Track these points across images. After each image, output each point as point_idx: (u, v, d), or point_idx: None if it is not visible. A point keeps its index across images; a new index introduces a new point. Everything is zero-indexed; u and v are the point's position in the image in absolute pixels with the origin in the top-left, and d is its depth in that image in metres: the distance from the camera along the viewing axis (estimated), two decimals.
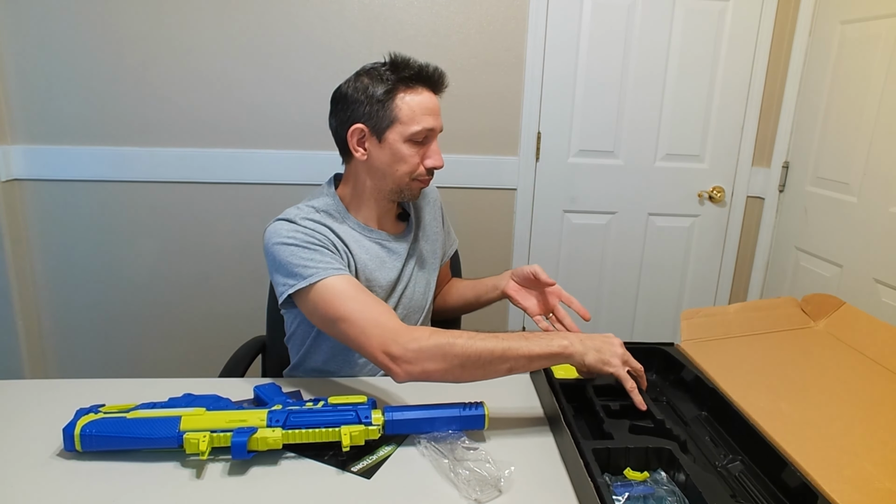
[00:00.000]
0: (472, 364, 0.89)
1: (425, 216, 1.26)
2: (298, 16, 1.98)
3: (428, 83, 1.06)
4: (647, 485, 0.77)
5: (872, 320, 1.11)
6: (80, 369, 2.20)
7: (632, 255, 2.32)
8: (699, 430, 0.93)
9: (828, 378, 1.01)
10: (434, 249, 1.26)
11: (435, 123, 1.07)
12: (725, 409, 0.92)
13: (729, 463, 0.84)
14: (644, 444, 0.81)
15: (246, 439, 0.80)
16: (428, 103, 1.06)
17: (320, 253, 1.01)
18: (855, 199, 1.83)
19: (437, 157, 1.10)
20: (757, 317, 1.19)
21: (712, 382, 0.98)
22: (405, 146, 1.06)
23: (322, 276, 0.98)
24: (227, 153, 2.06)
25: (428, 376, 0.90)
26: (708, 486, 0.73)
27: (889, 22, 1.71)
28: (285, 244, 1.01)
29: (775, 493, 0.77)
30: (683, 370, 1.05)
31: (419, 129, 1.04)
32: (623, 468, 0.80)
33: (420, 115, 1.04)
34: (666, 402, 1.02)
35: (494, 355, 0.89)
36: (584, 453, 0.77)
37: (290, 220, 1.05)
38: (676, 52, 2.12)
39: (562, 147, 2.19)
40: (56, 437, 0.84)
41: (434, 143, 1.10)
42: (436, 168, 1.11)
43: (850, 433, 0.85)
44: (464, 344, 0.89)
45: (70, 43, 1.93)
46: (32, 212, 2.05)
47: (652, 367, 1.10)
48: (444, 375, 0.90)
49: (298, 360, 1.18)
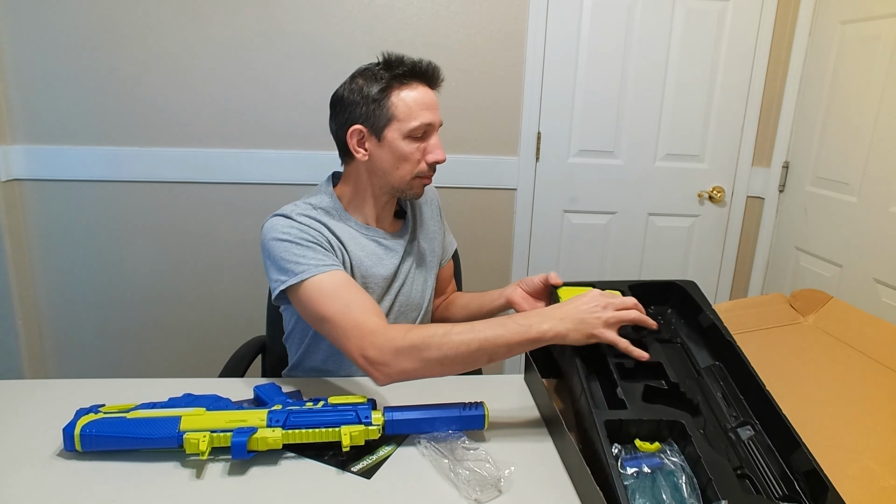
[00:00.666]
0: (449, 360, 0.87)
1: (424, 214, 1.26)
2: (299, 15, 1.98)
3: (422, 78, 1.06)
4: (656, 456, 0.76)
5: (861, 314, 1.12)
6: (80, 369, 2.19)
7: (632, 255, 2.32)
8: (712, 383, 0.91)
9: (822, 374, 1.01)
10: (433, 248, 1.26)
11: (433, 118, 1.07)
12: (741, 367, 0.89)
13: (739, 426, 0.84)
14: (657, 415, 0.80)
15: (246, 439, 0.80)
16: (424, 98, 1.05)
17: (313, 250, 1.01)
18: (855, 199, 1.83)
19: (438, 151, 1.10)
20: (747, 314, 1.19)
21: (729, 335, 0.94)
22: (405, 143, 1.06)
23: (312, 273, 0.97)
24: (227, 153, 2.06)
25: (407, 376, 0.90)
26: (718, 469, 0.72)
27: (889, 22, 1.71)
28: (279, 240, 1.01)
29: (783, 470, 0.76)
30: (701, 314, 1.00)
31: (417, 125, 1.04)
32: (634, 437, 0.79)
33: (417, 111, 1.04)
34: (680, 343, 1.00)
35: (471, 348, 0.87)
36: (596, 425, 0.76)
37: (287, 215, 1.05)
38: (676, 52, 2.12)
39: (562, 147, 2.19)
40: (56, 437, 0.84)
41: (434, 137, 1.09)
42: (438, 162, 1.11)
43: (850, 431, 0.85)
44: (440, 340, 0.87)
45: (70, 43, 1.93)
46: (32, 212, 2.05)
47: (668, 302, 1.07)
48: (423, 373, 0.90)
49: (297, 360, 1.18)
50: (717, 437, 0.82)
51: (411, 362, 0.88)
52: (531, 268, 2.29)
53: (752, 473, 0.76)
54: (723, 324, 0.97)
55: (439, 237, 1.29)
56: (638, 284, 1.07)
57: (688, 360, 0.97)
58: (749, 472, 0.76)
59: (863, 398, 0.93)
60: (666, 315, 1.06)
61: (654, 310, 1.08)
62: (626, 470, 0.73)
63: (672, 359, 0.96)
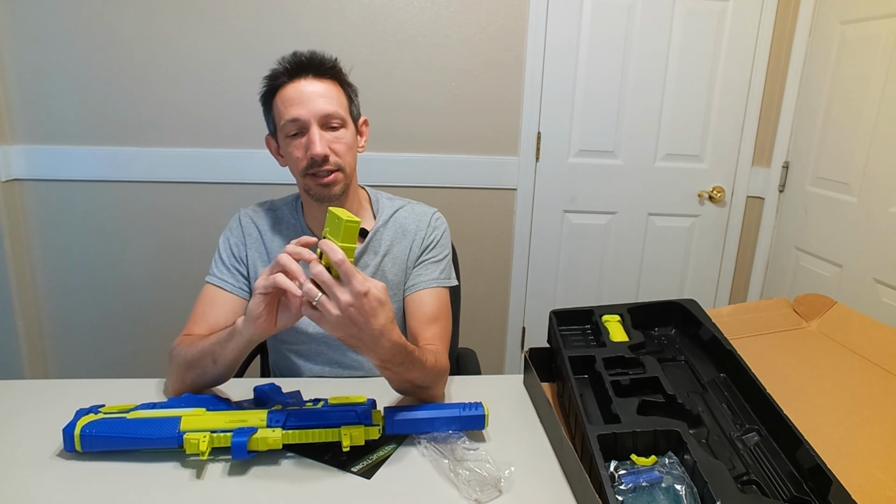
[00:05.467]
0: (187, 365, 0.94)
1: (389, 241, 1.16)
2: (298, 15, 1.98)
3: (297, 73, 1.02)
4: (654, 470, 0.75)
5: (864, 319, 1.11)
6: (80, 369, 2.20)
7: (632, 255, 2.32)
8: (717, 394, 0.91)
9: (825, 381, 1.00)
10: (396, 273, 1.16)
11: (300, 112, 1.01)
12: (742, 376, 0.90)
13: (745, 433, 0.83)
14: (651, 426, 0.79)
15: (246, 439, 0.80)
16: (292, 94, 1.02)
17: (224, 261, 1.12)
18: (855, 199, 1.83)
19: (313, 145, 1.00)
20: (750, 318, 1.18)
21: (730, 344, 0.95)
22: (288, 143, 1.05)
23: (209, 279, 1.11)
24: (227, 153, 2.06)
25: (174, 386, 0.97)
26: (714, 472, 0.71)
27: (889, 22, 1.71)
28: (223, 236, 1.15)
29: (791, 472, 0.75)
30: (701, 328, 1.02)
31: (284, 123, 1.03)
32: (630, 452, 0.78)
33: (285, 109, 1.02)
34: (684, 360, 1.00)
35: (204, 353, 0.92)
36: (590, 441, 0.76)
37: (241, 214, 1.16)
38: (676, 52, 2.12)
39: (562, 147, 2.19)
40: (56, 437, 0.84)
41: (312, 131, 1.01)
42: (315, 156, 1.01)
43: (855, 438, 0.84)
44: (184, 351, 0.96)
45: (70, 43, 1.93)
46: (32, 212, 2.05)
47: (671, 322, 1.09)
48: (181, 382, 0.96)
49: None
50: (721, 446, 0.82)
51: (170, 374, 0.98)
52: (531, 268, 2.30)
53: (758, 478, 0.76)
54: (723, 335, 0.98)
55: (402, 265, 1.16)
56: (638, 306, 1.07)
57: (692, 376, 0.97)
58: (756, 477, 0.76)
59: (867, 405, 0.93)
60: (670, 335, 1.06)
61: (658, 331, 1.09)
62: (624, 485, 0.73)
63: (675, 376, 0.97)
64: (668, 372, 0.94)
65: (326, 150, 1.02)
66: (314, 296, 0.75)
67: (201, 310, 1.08)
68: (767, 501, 0.72)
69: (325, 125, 1.03)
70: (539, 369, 1.02)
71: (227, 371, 0.94)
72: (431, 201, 1.27)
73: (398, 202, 1.21)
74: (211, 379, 0.95)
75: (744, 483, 0.76)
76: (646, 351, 0.97)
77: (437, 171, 2.15)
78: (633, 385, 0.90)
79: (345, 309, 0.74)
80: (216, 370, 0.93)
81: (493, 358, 2.38)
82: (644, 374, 0.90)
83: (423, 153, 2.13)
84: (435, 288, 1.14)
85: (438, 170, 2.15)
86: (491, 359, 2.38)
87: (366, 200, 1.20)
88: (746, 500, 0.70)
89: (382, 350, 0.82)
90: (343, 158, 1.05)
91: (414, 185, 2.13)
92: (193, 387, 0.95)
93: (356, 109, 1.11)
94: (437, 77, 2.06)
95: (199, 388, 0.96)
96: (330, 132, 1.03)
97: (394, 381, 0.92)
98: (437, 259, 1.17)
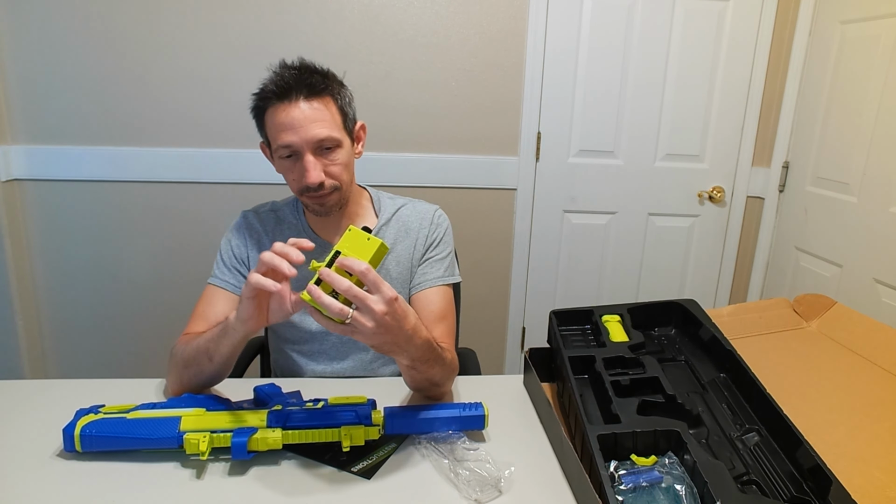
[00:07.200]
0: (184, 364, 0.94)
1: (392, 239, 1.16)
2: (298, 16, 1.98)
3: (286, 95, 0.98)
4: (654, 470, 0.75)
5: (865, 319, 1.11)
6: (80, 369, 2.20)
7: (632, 255, 2.32)
8: (717, 394, 0.92)
9: (825, 381, 1.00)
10: (400, 271, 1.16)
11: (293, 139, 0.98)
12: (742, 376, 0.90)
13: (745, 433, 0.83)
14: (651, 426, 0.79)
15: (246, 440, 0.80)
16: (283, 119, 0.98)
17: (225, 262, 1.12)
18: (855, 199, 1.83)
19: (307, 174, 0.99)
20: (750, 319, 1.18)
21: (730, 344, 0.96)
22: (282, 164, 1.04)
23: (211, 280, 1.11)
24: (227, 153, 2.06)
25: (173, 386, 0.97)
26: (714, 472, 0.71)
27: (889, 22, 1.71)
28: (225, 237, 1.15)
29: (791, 472, 0.76)
30: (701, 328, 1.02)
31: (277, 147, 1.01)
32: (630, 452, 0.78)
33: (277, 133, 0.99)
34: (684, 360, 1.01)
35: (199, 350, 0.92)
36: (590, 441, 0.76)
37: (243, 215, 1.17)
38: (676, 52, 2.12)
39: (562, 147, 2.19)
40: (56, 437, 0.84)
41: (306, 158, 0.99)
42: (309, 185, 1.00)
43: (855, 439, 0.84)
44: (182, 349, 0.96)
45: (70, 43, 1.93)
46: (32, 212, 2.05)
47: (671, 322, 1.09)
48: (179, 382, 0.96)
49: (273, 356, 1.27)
50: (721, 446, 0.82)
51: (169, 374, 0.98)
52: (531, 268, 2.30)
53: (758, 478, 0.76)
54: (723, 335, 0.98)
55: (407, 263, 1.16)
56: (638, 306, 1.07)
57: (692, 376, 0.97)
58: (756, 477, 0.76)
59: (868, 405, 0.93)
60: (670, 335, 1.06)
61: (658, 331, 1.09)
62: (624, 485, 0.73)
63: (675, 376, 0.96)
64: (668, 372, 0.94)
65: (321, 177, 1.00)
66: (346, 314, 0.73)
67: (202, 309, 1.08)
68: (767, 501, 0.72)
69: (318, 149, 1.01)
70: (539, 369, 1.02)
71: (224, 368, 0.95)
72: (431, 201, 1.27)
73: (399, 201, 1.21)
74: (208, 377, 0.95)
75: (744, 483, 0.76)
76: (646, 351, 0.98)
77: (437, 171, 2.15)
78: (633, 385, 0.90)
79: (380, 319, 0.74)
80: (212, 367, 0.93)
81: (493, 358, 2.39)
82: (644, 374, 0.91)
83: (423, 153, 2.13)
84: (440, 286, 1.14)
85: (438, 170, 2.15)
86: (491, 359, 2.38)
87: (367, 200, 1.20)
88: (746, 500, 0.70)
89: (415, 349, 0.83)
90: (339, 178, 1.03)
91: (414, 185, 2.13)
92: (191, 385, 0.95)
93: (351, 120, 1.08)
94: (437, 77, 2.06)
95: (197, 388, 0.96)
96: (324, 154, 1.01)
97: (414, 380, 0.93)
98: (442, 256, 1.17)
